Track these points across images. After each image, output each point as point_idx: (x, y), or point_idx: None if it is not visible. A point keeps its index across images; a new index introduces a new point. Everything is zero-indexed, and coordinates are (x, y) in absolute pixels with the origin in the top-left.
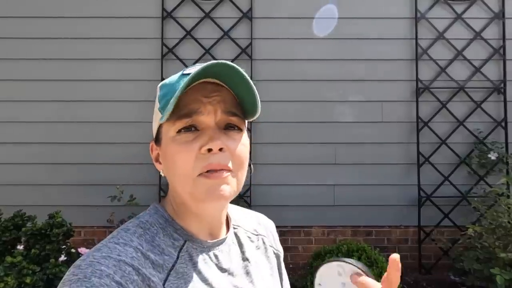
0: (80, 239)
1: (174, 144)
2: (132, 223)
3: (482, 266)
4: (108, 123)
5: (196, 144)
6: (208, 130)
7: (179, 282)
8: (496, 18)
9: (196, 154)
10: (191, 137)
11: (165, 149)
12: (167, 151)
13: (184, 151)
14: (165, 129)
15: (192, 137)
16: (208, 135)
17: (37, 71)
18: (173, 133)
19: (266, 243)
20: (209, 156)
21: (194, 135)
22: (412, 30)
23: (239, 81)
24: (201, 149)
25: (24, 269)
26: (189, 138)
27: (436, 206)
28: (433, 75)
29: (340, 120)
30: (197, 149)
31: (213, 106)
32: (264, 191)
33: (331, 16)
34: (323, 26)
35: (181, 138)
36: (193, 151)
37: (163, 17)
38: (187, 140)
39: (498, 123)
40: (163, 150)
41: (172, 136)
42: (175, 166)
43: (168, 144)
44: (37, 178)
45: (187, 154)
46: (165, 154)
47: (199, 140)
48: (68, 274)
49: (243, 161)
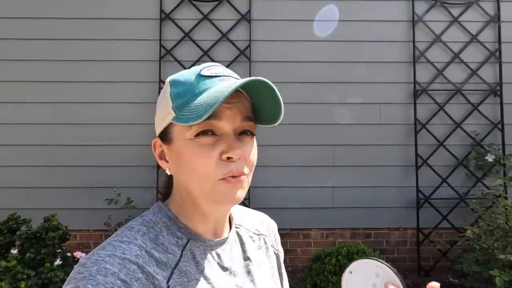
0: (76, 243)
1: (192, 146)
2: (136, 222)
3: (481, 268)
4: (105, 125)
5: (217, 150)
6: (227, 136)
7: (182, 280)
8: (492, 22)
9: (216, 160)
10: (211, 141)
11: (179, 149)
12: (182, 152)
13: (205, 156)
14: (179, 129)
15: (212, 141)
16: (228, 143)
17: (33, 72)
18: (191, 135)
19: (267, 243)
20: (229, 163)
21: (213, 139)
22: (409, 33)
23: (266, 94)
24: (222, 156)
25: (19, 273)
26: (209, 142)
27: (435, 208)
28: (431, 77)
29: (338, 122)
30: (218, 155)
31: (233, 113)
32: (262, 193)
33: (330, 18)
34: (321, 29)
35: (201, 141)
36: (214, 156)
37: (161, 18)
38: (207, 143)
39: (494, 125)
40: (175, 149)
41: (189, 138)
42: (193, 168)
43: (184, 145)
44: (32, 181)
45: (208, 159)
46: (178, 154)
47: (219, 146)
48: (74, 272)
49: (254, 165)
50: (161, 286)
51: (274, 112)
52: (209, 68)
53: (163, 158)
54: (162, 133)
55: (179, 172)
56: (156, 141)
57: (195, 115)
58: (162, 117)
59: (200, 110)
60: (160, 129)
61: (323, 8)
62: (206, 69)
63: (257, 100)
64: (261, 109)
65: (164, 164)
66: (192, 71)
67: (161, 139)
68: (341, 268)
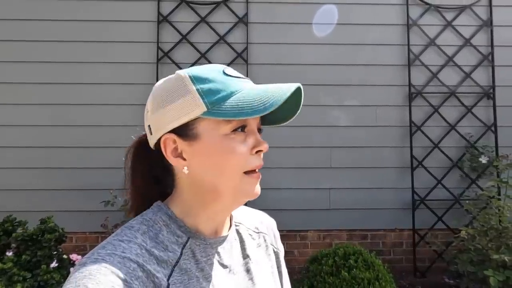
0: (72, 245)
1: (228, 141)
2: (136, 221)
3: (476, 268)
4: (102, 127)
5: (249, 144)
6: (254, 132)
7: (183, 278)
8: (484, 26)
9: (247, 154)
10: (243, 137)
11: (209, 146)
12: (214, 148)
13: (239, 151)
14: (209, 125)
15: (244, 136)
16: (257, 138)
17: (30, 74)
18: (228, 130)
19: (267, 241)
20: (257, 156)
21: (244, 135)
22: (404, 37)
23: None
24: (253, 150)
25: (15, 275)
26: (243, 137)
27: (430, 209)
28: (425, 80)
29: (335, 124)
30: (249, 149)
31: None
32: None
33: (326, 22)
34: (318, 32)
35: (237, 137)
36: (247, 150)
37: (158, 21)
38: (241, 139)
39: (488, 127)
40: (203, 146)
41: (225, 133)
42: (226, 163)
43: (218, 141)
44: (28, 183)
45: (241, 154)
46: (208, 150)
47: (250, 141)
48: (74, 272)
49: None
50: (161, 284)
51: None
52: (227, 68)
53: (179, 155)
54: (178, 129)
55: (205, 168)
56: (168, 138)
57: (250, 111)
58: (181, 112)
59: (259, 106)
60: (175, 124)
61: (319, 11)
62: (227, 69)
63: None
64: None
65: (181, 162)
66: (212, 69)
67: (178, 136)
68: (338, 269)
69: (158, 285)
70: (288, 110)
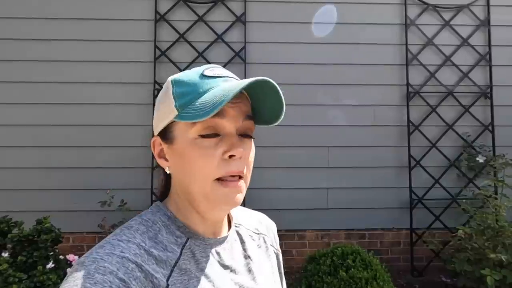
0: (68, 245)
1: (195, 146)
2: (134, 221)
3: (472, 267)
4: (98, 126)
5: (219, 149)
6: (230, 136)
7: (183, 278)
8: (482, 26)
9: (218, 160)
10: (213, 142)
11: (181, 149)
12: (184, 151)
13: (208, 156)
14: (182, 128)
15: (215, 142)
16: (230, 141)
17: (27, 73)
18: (194, 134)
19: (267, 242)
20: (230, 162)
21: (216, 140)
22: (402, 36)
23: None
24: (224, 155)
25: (10, 277)
26: (212, 143)
27: (427, 209)
28: (423, 80)
29: (333, 124)
30: (220, 154)
31: (236, 112)
32: (257, 194)
33: (324, 21)
34: (316, 31)
35: (204, 142)
36: (217, 156)
37: (156, 19)
38: (210, 145)
39: (485, 127)
40: (177, 149)
41: (193, 137)
42: (194, 168)
43: (187, 145)
44: (24, 183)
45: (210, 159)
46: (180, 154)
47: (222, 146)
48: (72, 271)
49: (251, 167)
50: (160, 284)
51: (276, 112)
52: (211, 69)
53: (163, 156)
54: (162, 131)
55: (179, 171)
56: (155, 140)
57: (202, 112)
58: (163, 116)
59: (206, 108)
60: (160, 127)
61: (317, 10)
62: (208, 70)
63: (259, 100)
64: (260, 109)
65: (164, 163)
66: (194, 72)
67: (161, 138)
68: (336, 269)
69: (157, 285)
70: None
